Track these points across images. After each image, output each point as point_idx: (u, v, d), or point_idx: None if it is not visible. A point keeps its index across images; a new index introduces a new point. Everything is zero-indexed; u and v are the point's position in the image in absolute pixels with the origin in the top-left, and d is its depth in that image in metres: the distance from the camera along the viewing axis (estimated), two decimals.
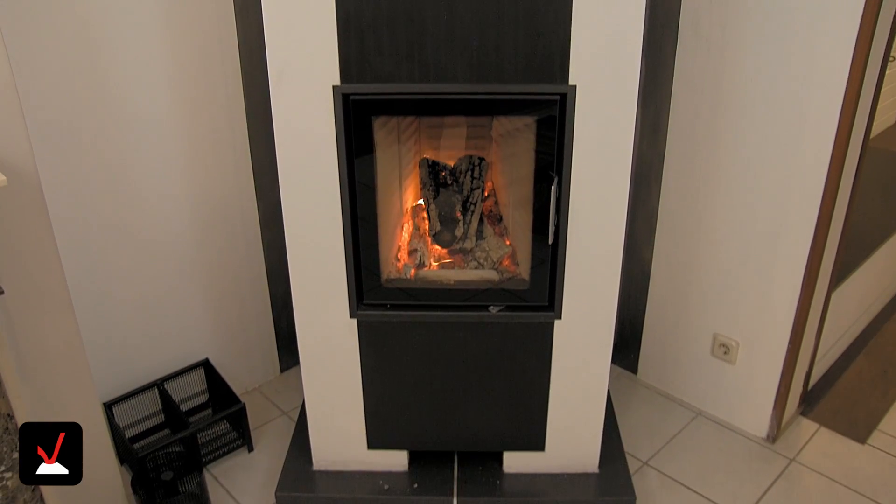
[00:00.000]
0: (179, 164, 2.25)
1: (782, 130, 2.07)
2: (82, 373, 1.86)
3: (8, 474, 1.49)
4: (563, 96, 1.65)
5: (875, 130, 2.22)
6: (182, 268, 2.38)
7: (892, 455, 2.43)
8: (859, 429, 2.55)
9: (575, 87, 1.64)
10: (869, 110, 2.08)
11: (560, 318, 1.90)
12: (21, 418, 1.53)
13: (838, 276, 2.45)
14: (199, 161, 2.29)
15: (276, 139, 1.73)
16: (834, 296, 2.47)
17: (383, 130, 1.82)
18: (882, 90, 2.09)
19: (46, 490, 1.68)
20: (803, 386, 2.57)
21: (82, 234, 2.10)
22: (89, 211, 2.10)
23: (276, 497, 2.12)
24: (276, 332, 2.74)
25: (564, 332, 1.93)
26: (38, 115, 1.89)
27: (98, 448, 1.97)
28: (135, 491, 2.06)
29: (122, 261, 2.22)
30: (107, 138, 2.07)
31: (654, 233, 2.50)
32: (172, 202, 2.28)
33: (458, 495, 2.10)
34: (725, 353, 2.46)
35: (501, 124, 2.04)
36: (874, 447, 2.46)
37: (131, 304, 2.29)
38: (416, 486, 2.13)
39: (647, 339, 2.71)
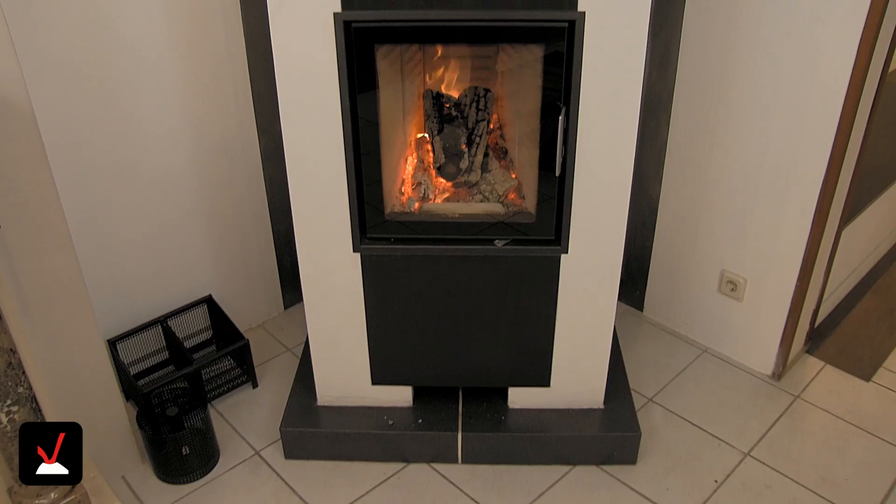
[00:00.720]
0: (179, 98, 2.20)
1: (797, 61, 2.01)
2: (84, 308, 1.85)
3: (14, 408, 1.49)
4: (572, 23, 1.60)
5: (894, 64, 2.15)
6: (184, 204, 2.35)
7: None
8: (864, 366, 2.55)
9: (584, 13, 1.58)
10: (889, 42, 2.01)
11: (567, 252, 1.87)
12: (24, 353, 1.52)
13: (849, 214, 2.42)
14: (199, 95, 2.24)
15: (276, 70, 1.68)
16: (844, 233, 2.44)
17: (386, 61, 1.77)
18: None
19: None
20: (810, 324, 2.56)
21: (83, 170, 2.07)
22: (89, 148, 2.06)
23: (281, 432, 2.13)
24: (279, 268, 2.72)
25: (571, 267, 1.91)
26: (33, 48, 1.84)
27: (102, 383, 1.98)
28: (140, 426, 2.06)
29: (124, 197, 2.19)
30: (105, 73, 2.02)
31: (663, 167, 2.46)
32: (173, 138, 2.24)
33: (462, 430, 2.10)
34: (733, 290, 2.44)
35: (509, 56, 1.99)
36: (879, 385, 2.46)
37: (133, 241, 2.27)
38: (420, 421, 2.13)
39: (654, 276, 2.69)
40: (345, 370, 2.12)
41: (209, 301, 2.52)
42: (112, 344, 2.29)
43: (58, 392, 1.85)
